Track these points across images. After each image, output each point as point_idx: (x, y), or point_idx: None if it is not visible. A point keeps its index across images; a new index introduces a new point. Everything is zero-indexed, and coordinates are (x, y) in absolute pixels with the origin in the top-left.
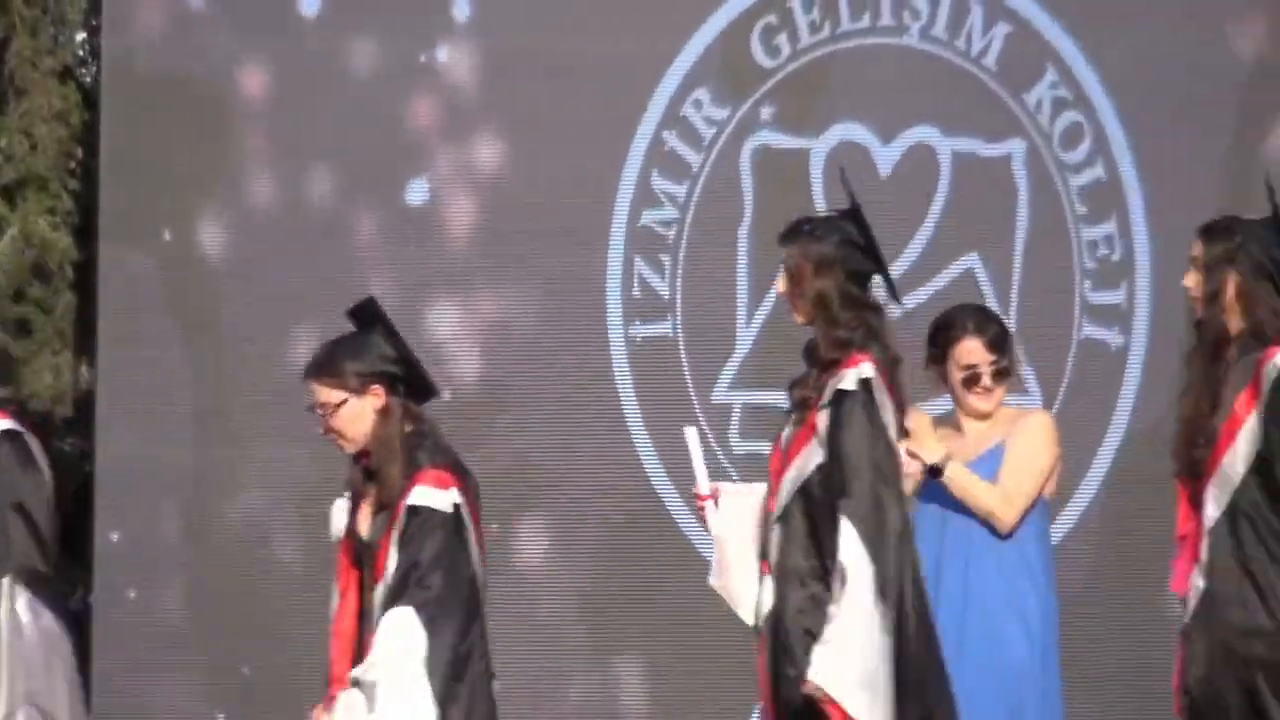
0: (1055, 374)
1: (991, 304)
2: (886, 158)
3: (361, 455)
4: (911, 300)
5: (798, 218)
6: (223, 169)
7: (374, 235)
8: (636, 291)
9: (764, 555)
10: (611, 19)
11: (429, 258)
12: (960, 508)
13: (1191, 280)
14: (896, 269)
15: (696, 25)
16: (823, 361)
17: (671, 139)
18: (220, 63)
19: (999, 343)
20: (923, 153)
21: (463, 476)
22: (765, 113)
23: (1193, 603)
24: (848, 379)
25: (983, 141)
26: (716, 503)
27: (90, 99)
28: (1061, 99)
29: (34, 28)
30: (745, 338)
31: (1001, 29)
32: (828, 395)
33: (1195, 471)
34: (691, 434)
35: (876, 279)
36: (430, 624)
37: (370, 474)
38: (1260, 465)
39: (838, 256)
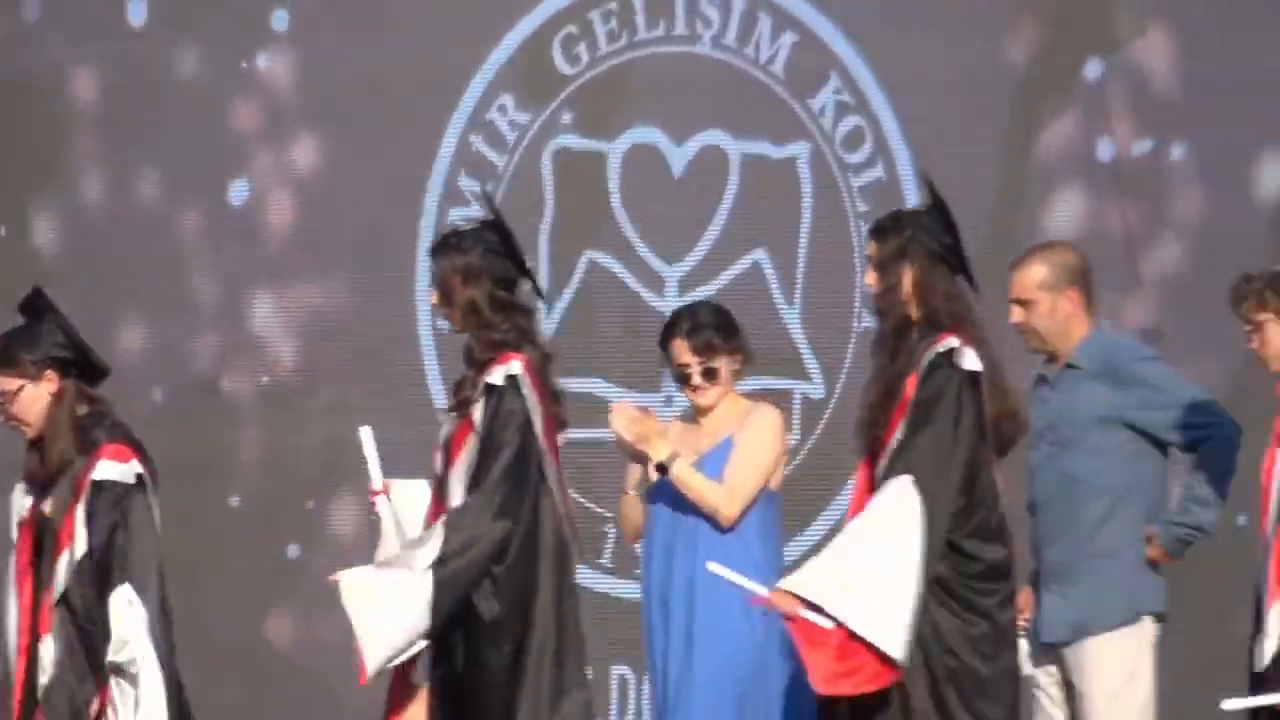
0: (837, 362)
1: (777, 295)
2: (680, 159)
3: (40, 439)
4: (703, 292)
5: (444, 232)
6: (56, 169)
7: (198, 232)
8: None
9: None
10: (420, 28)
11: (250, 253)
12: (689, 503)
13: (871, 279)
14: (688, 263)
15: (502, 34)
16: (479, 362)
17: (478, 142)
18: (53, 68)
19: (705, 347)
20: (714, 154)
21: (140, 449)
22: (565, 117)
23: None
24: (496, 375)
25: (770, 144)
26: (389, 496)
27: None
28: (844, 103)
29: None
30: (546, 330)
31: (788, 38)
32: (479, 391)
33: (873, 450)
34: (365, 432)
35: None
36: (142, 594)
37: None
38: None
39: (483, 265)
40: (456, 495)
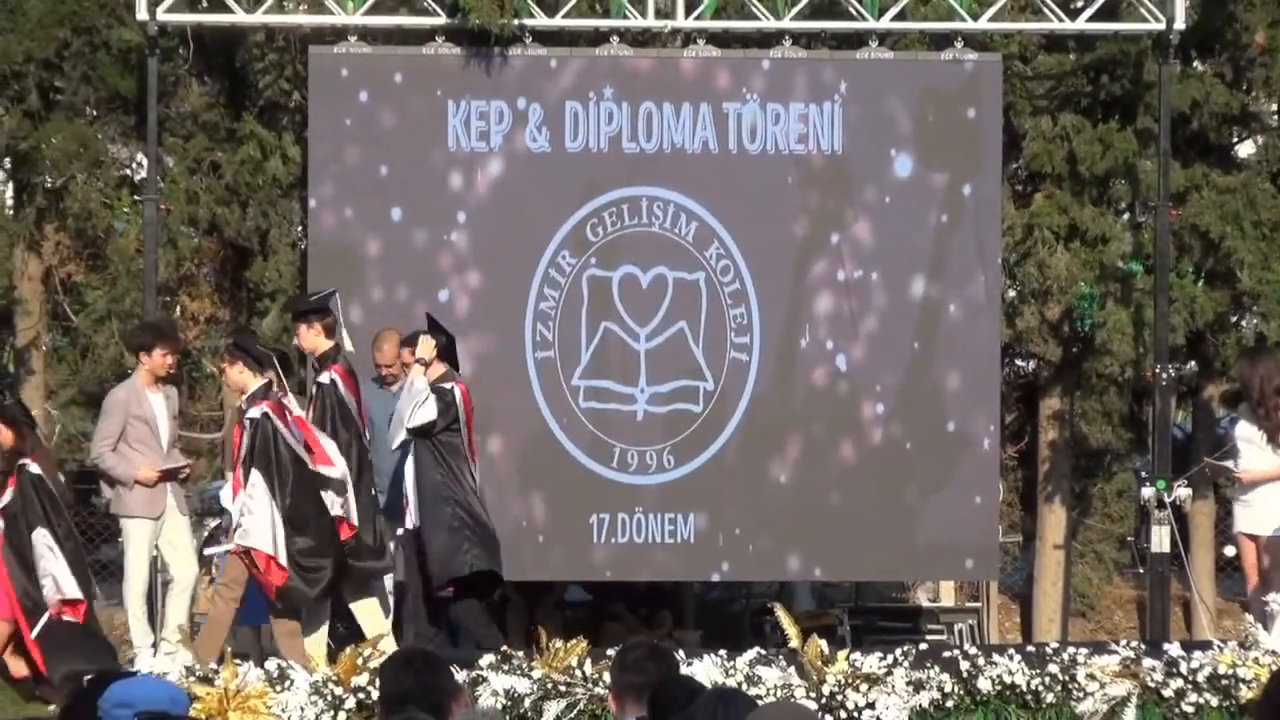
0: (718, 373)
1: (691, 343)
2: (645, 280)
3: None
4: (656, 341)
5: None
6: (359, 288)
7: (419, 315)
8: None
9: None
10: (530, 220)
11: (447, 323)
12: None
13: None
14: (649, 326)
15: (563, 220)
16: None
17: (553, 271)
18: (353, 239)
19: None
20: (660, 278)
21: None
22: (592, 260)
23: None
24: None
25: (686, 273)
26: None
27: None
28: (720, 254)
29: None
30: (583, 362)
31: (693, 223)
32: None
33: None
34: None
35: None
36: None
37: None
38: None
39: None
40: None
